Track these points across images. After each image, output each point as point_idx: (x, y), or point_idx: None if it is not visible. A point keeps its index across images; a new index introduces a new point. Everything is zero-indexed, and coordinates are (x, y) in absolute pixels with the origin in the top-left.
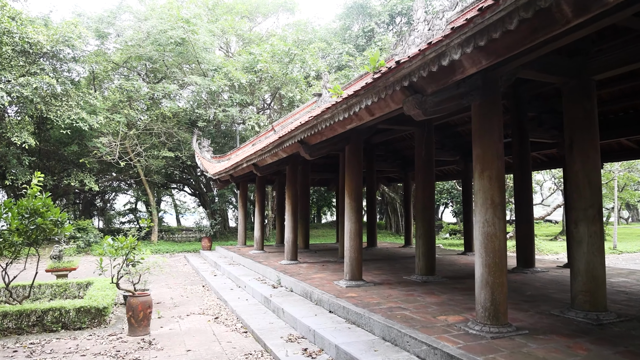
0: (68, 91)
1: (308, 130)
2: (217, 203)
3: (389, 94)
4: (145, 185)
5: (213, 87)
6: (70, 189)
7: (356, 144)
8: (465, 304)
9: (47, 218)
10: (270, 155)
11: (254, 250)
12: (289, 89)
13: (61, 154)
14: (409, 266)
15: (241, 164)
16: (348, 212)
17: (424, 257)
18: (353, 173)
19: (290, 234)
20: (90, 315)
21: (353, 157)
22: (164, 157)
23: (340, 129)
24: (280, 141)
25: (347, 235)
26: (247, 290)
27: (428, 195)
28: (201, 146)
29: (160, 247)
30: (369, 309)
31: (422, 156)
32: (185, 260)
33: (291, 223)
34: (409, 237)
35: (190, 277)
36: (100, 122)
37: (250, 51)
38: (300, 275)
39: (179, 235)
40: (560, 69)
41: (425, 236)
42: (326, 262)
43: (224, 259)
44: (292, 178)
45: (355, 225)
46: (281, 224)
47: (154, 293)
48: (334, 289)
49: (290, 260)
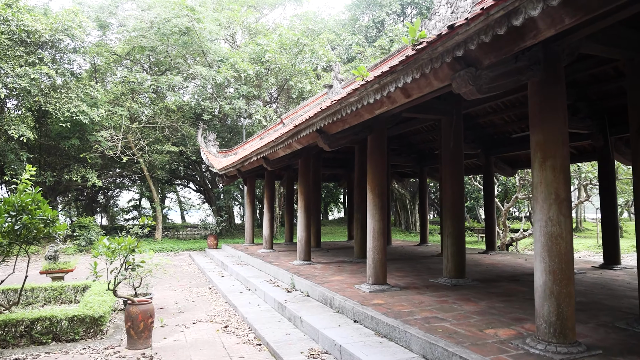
0: (68, 83)
1: (329, 117)
2: (222, 200)
3: (435, 69)
4: (149, 181)
5: (219, 79)
6: (72, 185)
7: (380, 134)
8: (511, 314)
9: (36, 216)
10: (283, 147)
11: (262, 249)
12: (298, 80)
13: (62, 148)
14: (432, 267)
15: (250, 157)
16: (372, 210)
17: (454, 259)
18: (376, 166)
19: (303, 233)
20: (84, 325)
21: (376, 149)
22: (168, 152)
23: (368, 114)
24: (296, 130)
25: (370, 235)
26: (258, 294)
27: (457, 190)
28: (207, 140)
29: (165, 246)
30: (402, 319)
31: (450, 147)
32: (191, 260)
33: (304, 221)
34: (425, 234)
35: (195, 278)
36: (102, 115)
37: (258, 42)
38: (316, 277)
39: (183, 232)
40: (628, 42)
41: (454, 235)
42: (341, 262)
43: (231, 258)
44: (305, 173)
45: (379, 224)
46: (290, 221)
47: (157, 297)
48: (357, 295)
49: (303, 261)
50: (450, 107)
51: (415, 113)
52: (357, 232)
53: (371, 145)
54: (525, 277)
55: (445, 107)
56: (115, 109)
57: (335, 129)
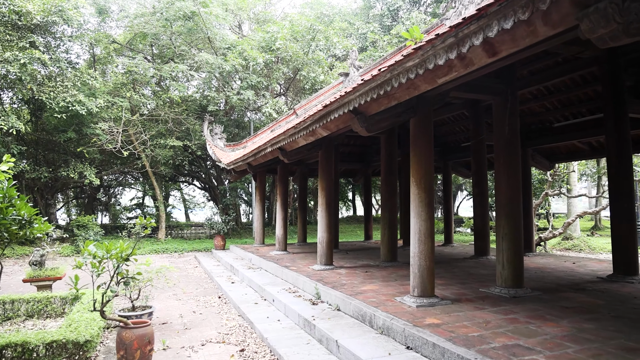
0: (63, 70)
1: (371, 91)
2: (229, 198)
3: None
4: (152, 177)
5: (227, 67)
6: (69, 182)
7: (425, 117)
8: (613, 340)
9: (7, 215)
10: (306, 134)
11: (275, 251)
12: (310, 69)
13: (57, 142)
14: (473, 272)
15: (264, 148)
16: (417, 207)
17: (511, 265)
18: (422, 155)
19: (324, 234)
20: (67, 353)
21: (422, 134)
22: (171, 147)
23: (426, 85)
24: (325, 112)
25: (416, 237)
26: (276, 305)
27: (513, 184)
28: (213, 133)
29: (168, 246)
30: (478, 349)
31: (504, 134)
32: (196, 262)
33: (325, 220)
34: (450, 234)
35: (202, 284)
36: (100, 105)
37: (267, 29)
38: (344, 287)
39: (188, 231)
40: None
41: (511, 237)
42: (367, 266)
43: (240, 261)
44: (327, 166)
45: (426, 224)
46: (303, 220)
47: (158, 308)
48: (402, 310)
49: (325, 265)
50: (505, 85)
51: (465, 92)
52: (385, 232)
53: (415, 130)
54: (590, 286)
55: (499, 86)
56: (115, 99)
57: (376, 107)
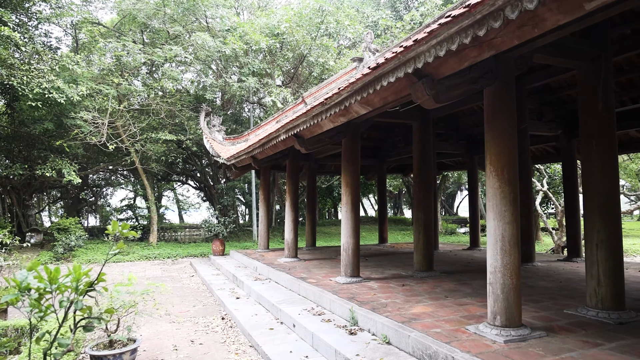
0: (38, 52)
1: (451, 39)
2: (226, 198)
3: None
4: (142, 175)
5: (226, 50)
6: (48, 180)
7: (508, 84)
8: None
9: None
10: (335, 114)
11: (285, 258)
12: (319, 54)
13: (34, 135)
14: (534, 285)
15: (276, 135)
16: (498, 204)
17: (610, 281)
18: (504, 135)
19: (349, 239)
20: None
21: (504, 108)
22: (164, 142)
23: (515, 39)
24: (372, 77)
25: (498, 247)
26: (299, 332)
27: (611, 175)
28: (211, 125)
29: (160, 251)
30: None
31: (597, 111)
32: (192, 270)
33: (351, 223)
34: (476, 236)
35: (201, 299)
36: (82, 93)
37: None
38: (387, 308)
39: (182, 233)
40: None
41: (609, 245)
42: (398, 277)
43: (244, 269)
44: (352, 157)
45: (511, 228)
46: (312, 221)
47: (146, 336)
48: (486, 349)
49: (351, 277)
50: (598, 50)
51: (553, 56)
52: (420, 236)
53: (495, 102)
54: None
55: (591, 50)
56: (100, 87)
57: (451, 67)
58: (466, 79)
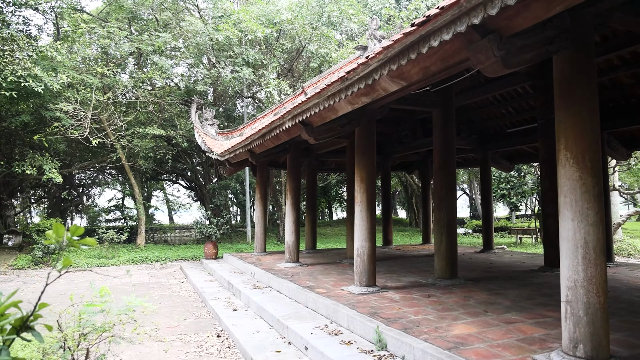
0: (14, 37)
1: None
2: (218, 198)
3: None
4: (129, 173)
5: (219, 37)
6: (27, 178)
7: (588, 46)
8: None
9: None
10: (356, 93)
11: (286, 263)
12: (321, 44)
13: (11, 129)
14: None
15: (280, 124)
16: (578, 201)
17: None
18: (587, 111)
19: (365, 242)
20: None
21: (586, 75)
22: (152, 137)
23: None
24: (419, 37)
25: (579, 255)
26: (312, 356)
27: None
28: (203, 119)
29: (148, 254)
30: None
31: None
32: (183, 275)
33: (366, 224)
34: (490, 238)
35: (192, 310)
36: (63, 82)
37: None
38: (421, 328)
39: (172, 234)
40: None
41: None
42: (419, 286)
43: (240, 275)
44: (367, 148)
45: (595, 231)
46: (313, 222)
47: (128, 358)
48: None
49: (367, 287)
50: None
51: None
52: (442, 239)
53: (571, 70)
54: None
55: None
56: (83, 76)
57: (528, 19)
58: (540, 39)
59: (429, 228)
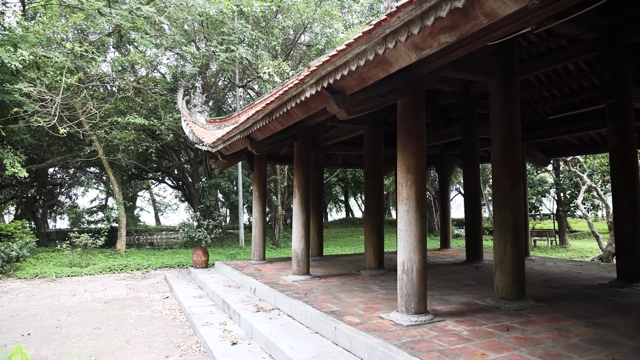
0: None
1: None
2: (208, 197)
3: None
4: (107, 170)
5: (211, 11)
6: None
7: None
8: None
9: None
10: (447, 22)
11: (294, 276)
12: (326, 23)
13: None
14: None
15: (300, 92)
16: None
17: None
18: None
19: (415, 255)
20: None
21: None
22: (134, 128)
23: None
24: None
25: None
26: None
27: None
28: (191, 106)
29: (129, 261)
30: None
31: None
32: (167, 288)
33: (416, 229)
34: (526, 244)
35: (177, 342)
36: (24, 60)
37: None
38: None
39: (158, 236)
40: None
41: None
42: (481, 310)
43: (237, 291)
44: (416, 127)
45: None
46: (320, 224)
47: None
48: None
49: (417, 314)
50: None
51: None
52: (508, 247)
53: None
54: None
55: None
56: (49, 53)
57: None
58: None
59: (447, 230)
